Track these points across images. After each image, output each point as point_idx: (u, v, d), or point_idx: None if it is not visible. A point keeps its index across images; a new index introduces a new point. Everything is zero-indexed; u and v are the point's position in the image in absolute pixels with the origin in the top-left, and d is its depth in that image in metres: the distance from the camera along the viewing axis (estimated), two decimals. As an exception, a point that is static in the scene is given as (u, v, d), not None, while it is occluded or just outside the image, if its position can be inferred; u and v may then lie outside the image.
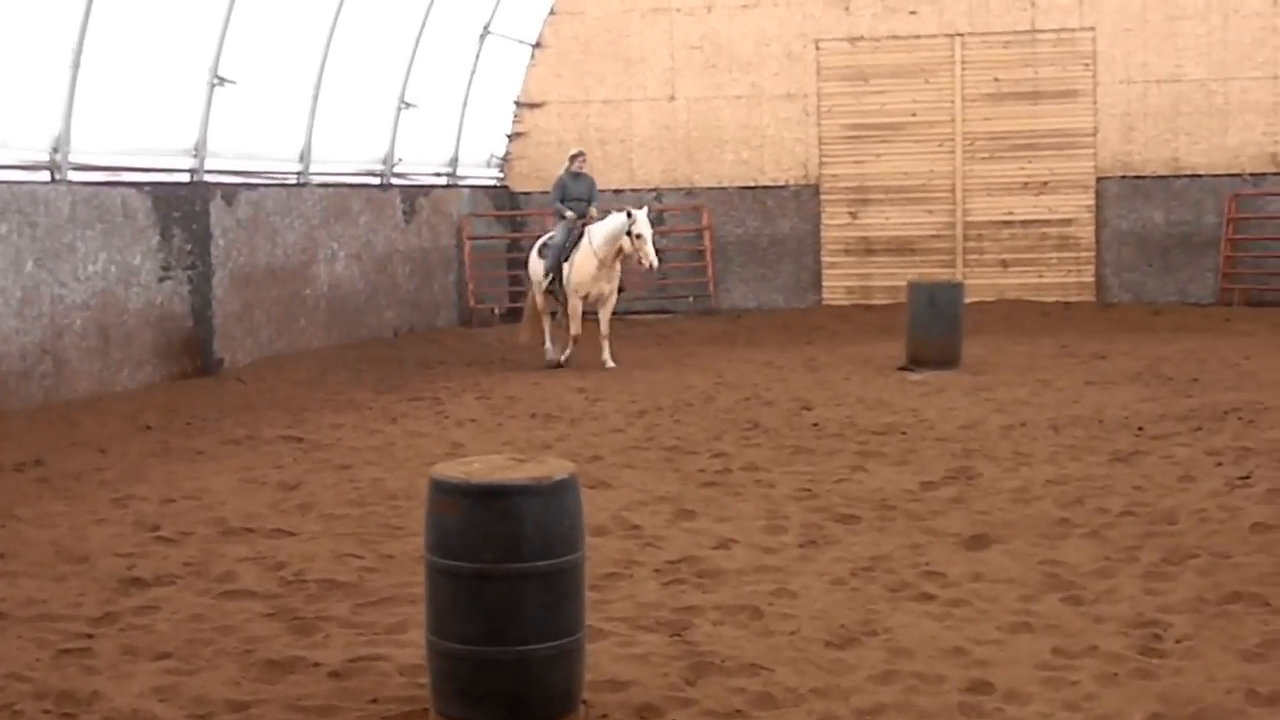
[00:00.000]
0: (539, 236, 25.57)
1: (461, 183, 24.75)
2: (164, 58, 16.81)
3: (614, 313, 18.42)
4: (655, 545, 9.28)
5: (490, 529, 5.85)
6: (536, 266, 19.41)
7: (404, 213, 22.47)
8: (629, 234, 18.41)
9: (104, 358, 15.65)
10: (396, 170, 22.38)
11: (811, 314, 24.82)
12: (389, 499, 10.80)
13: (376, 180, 21.94)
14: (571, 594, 6.06)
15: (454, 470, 6.10)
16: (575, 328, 19.02)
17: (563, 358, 19.13)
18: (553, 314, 19.47)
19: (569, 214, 19.19)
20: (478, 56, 24.43)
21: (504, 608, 5.87)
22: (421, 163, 23.41)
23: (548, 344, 19.38)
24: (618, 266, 18.91)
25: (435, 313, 23.44)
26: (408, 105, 22.25)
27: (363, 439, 13.60)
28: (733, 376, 17.91)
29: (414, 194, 22.88)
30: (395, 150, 22.20)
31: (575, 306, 18.91)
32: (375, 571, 8.75)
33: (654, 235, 18.77)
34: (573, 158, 19.85)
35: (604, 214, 19.22)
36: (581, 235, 18.87)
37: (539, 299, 19.42)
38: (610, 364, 18.79)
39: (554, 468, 6.10)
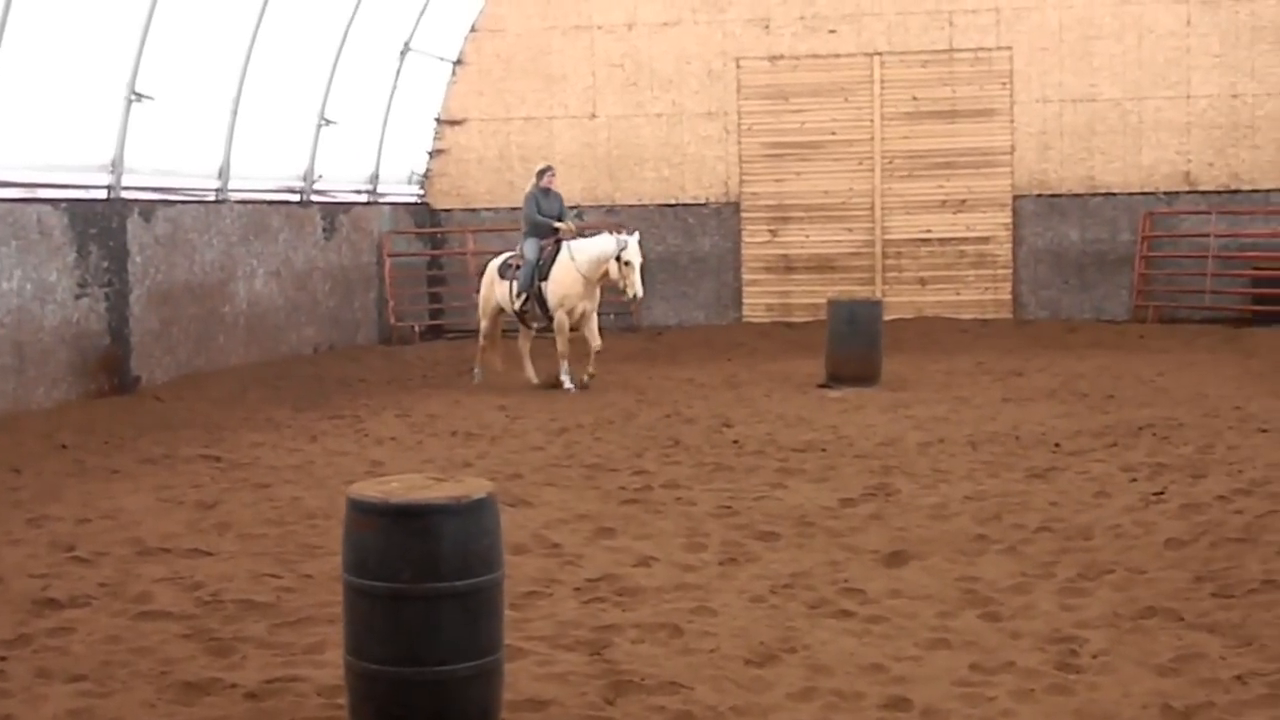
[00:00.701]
0: (460, 254, 25.71)
1: (382, 200, 24.67)
2: (81, 73, 16.64)
3: (541, 331, 18.37)
4: (575, 563, 9.28)
5: (408, 548, 5.83)
6: (501, 289, 18.75)
7: (324, 230, 22.37)
8: (618, 259, 17.81)
9: (19, 375, 15.46)
10: (316, 187, 22.27)
11: (732, 331, 24.90)
12: (308, 518, 10.74)
13: (296, 197, 21.82)
14: (490, 613, 6.05)
15: (372, 489, 6.08)
16: (563, 345, 18.37)
17: (563, 378, 18.28)
18: (504, 332, 19.37)
19: (560, 224, 18.54)
20: (398, 73, 24.38)
21: (422, 627, 5.86)
22: (342, 180, 23.31)
23: (529, 368, 18.87)
24: (598, 288, 18.33)
25: (355, 330, 23.34)
26: (328, 122, 22.15)
27: (282, 457, 13.51)
28: (653, 394, 17.94)
29: (334, 211, 22.77)
30: (315, 167, 22.10)
31: (562, 322, 18.29)
32: (293, 591, 8.70)
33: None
34: (541, 173, 19.16)
35: (581, 231, 19.00)
36: (557, 250, 18.33)
37: (486, 324, 19.04)
38: (569, 385, 18.20)
39: (472, 487, 6.09)
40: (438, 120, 26.16)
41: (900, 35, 25.05)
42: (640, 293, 18.16)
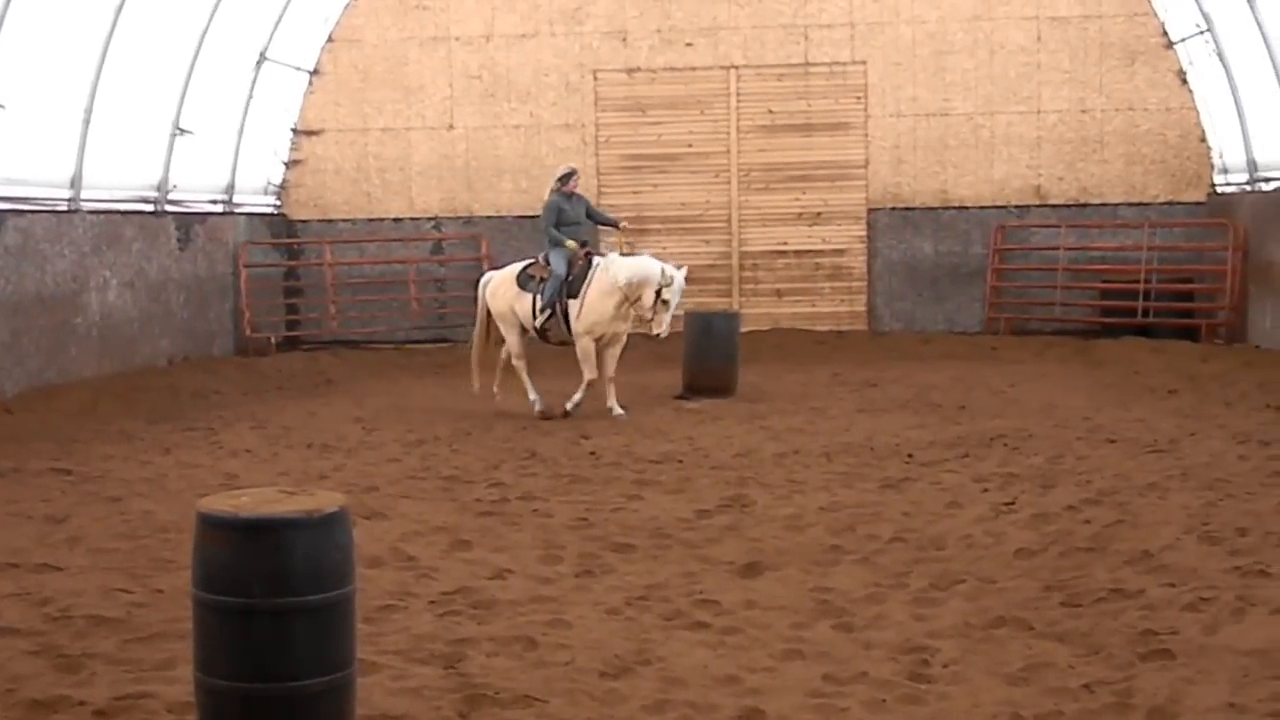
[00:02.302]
0: (317, 265, 25.47)
1: (238, 210, 24.37)
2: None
3: (398, 343, 18.07)
4: (430, 576, 9.22)
5: (258, 563, 5.76)
6: (522, 302, 17.21)
7: (179, 240, 22.04)
8: (657, 292, 16.65)
9: None
10: (171, 197, 21.94)
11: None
12: (160, 531, 10.57)
13: (150, 207, 21.47)
14: (342, 628, 5.99)
15: (222, 503, 6.00)
16: (590, 371, 17.02)
17: (571, 405, 17.08)
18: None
19: (570, 243, 17.08)
20: (254, 83, 24.11)
21: (272, 643, 5.78)
22: (197, 190, 22.98)
23: (531, 393, 17.32)
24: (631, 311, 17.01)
25: (211, 341, 23.02)
26: (183, 131, 21.85)
27: (134, 470, 13.29)
28: (511, 405, 17.88)
29: (189, 221, 22.45)
30: (170, 177, 21.78)
31: (588, 347, 16.97)
32: (144, 606, 8.55)
33: (669, 301, 16.78)
34: (565, 178, 17.47)
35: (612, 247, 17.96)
36: (589, 267, 17.01)
37: (511, 339, 17.48)
38: (619, 411, 16.90)
39: (324, 500, 6.03)
40: (294, 130, 25.91)
41: (756, 49, 25.24)
42: (665, 333, 16.96)
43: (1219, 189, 24.42)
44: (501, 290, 17.49)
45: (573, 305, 16.97)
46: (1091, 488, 11.61)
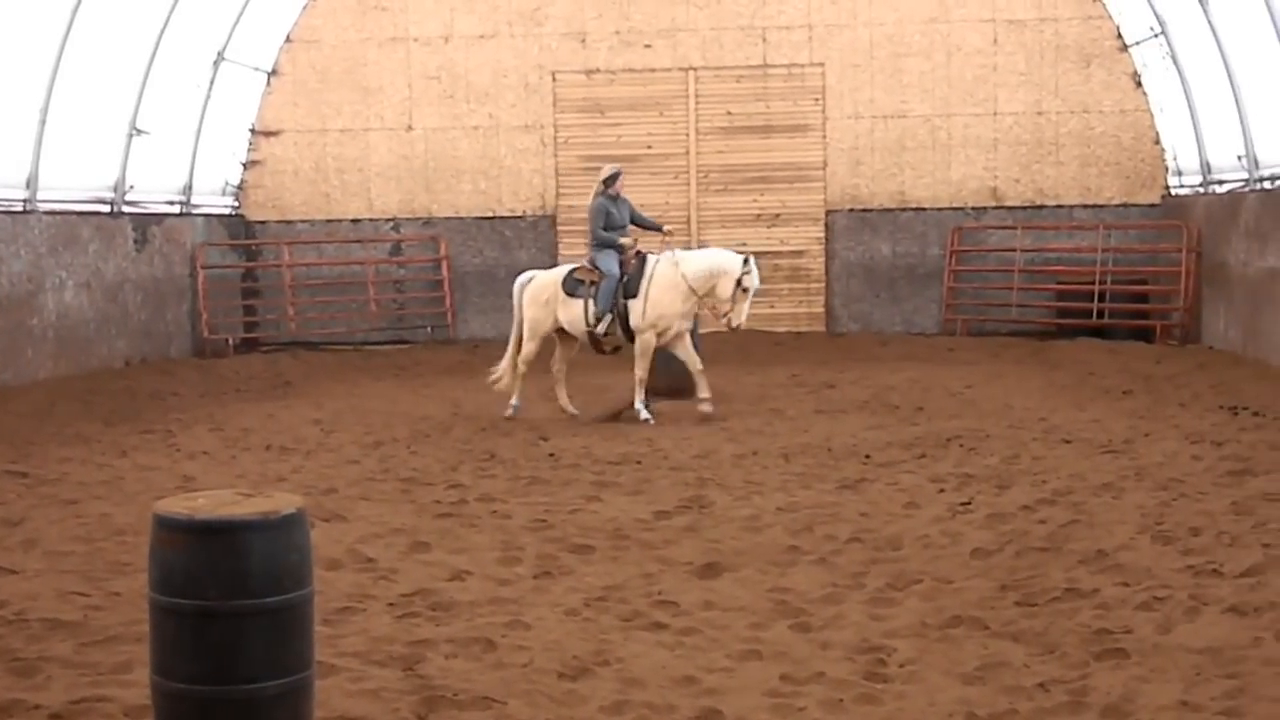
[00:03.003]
0: (275, 266, 25.40)
1: (195, 211, 24.29)
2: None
3: (356, 345, 17.98)
4: (389, 578, 9.21)
5: (216, 565, 5.74)
6: (571, 308, 16.73)
7: (136, 241, 21.96)
8: (738, 282, 16.28)
9: None
10: (128, 198, 21.86)
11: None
12: (117, 534, 10.53)
13: (107, 208, 21.39)
14: (300, 630, 5.97)
15: (178, 505, 5.97)
16: (643, 370, 16.56)
17: (639, 407, 16.55)
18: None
19: (625, 240, 16.82)
20: (212, 83, 24.03)
21: (230, 645, 5.77)
22: (154, 190, 22.90)
23: (563, 399, 17.05)
24: (696, 306, 16.71)
25: (168, 343, 22.94)
26: (140, 132, 21.76)
27: (91, 473, 13.22)
28: (470, 407, 17.89)
29: (146, 222, 22.37)
30: (127, 177, 21.69)
31: (650, 344, 16.50)
32: (101, 610, 8.51)
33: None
34: (611, 179, 17.10)
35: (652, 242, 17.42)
36: (642, 265, 16.62)
37: (533, 347, 17.06)
38: (708, 408, 16.41)
39: (282, 502, 6.01)
40: (252, 131, 25.85)
41: (715, 51, 25.30)
42: (744, 324, 16.67)
43: (1173, 191, 24.61)
44: (543, 295, 16.94)
45: (633, 305, 16.54)
46: (1047, 488, 11.68)
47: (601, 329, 16.62)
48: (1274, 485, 11.19)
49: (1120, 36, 24.78)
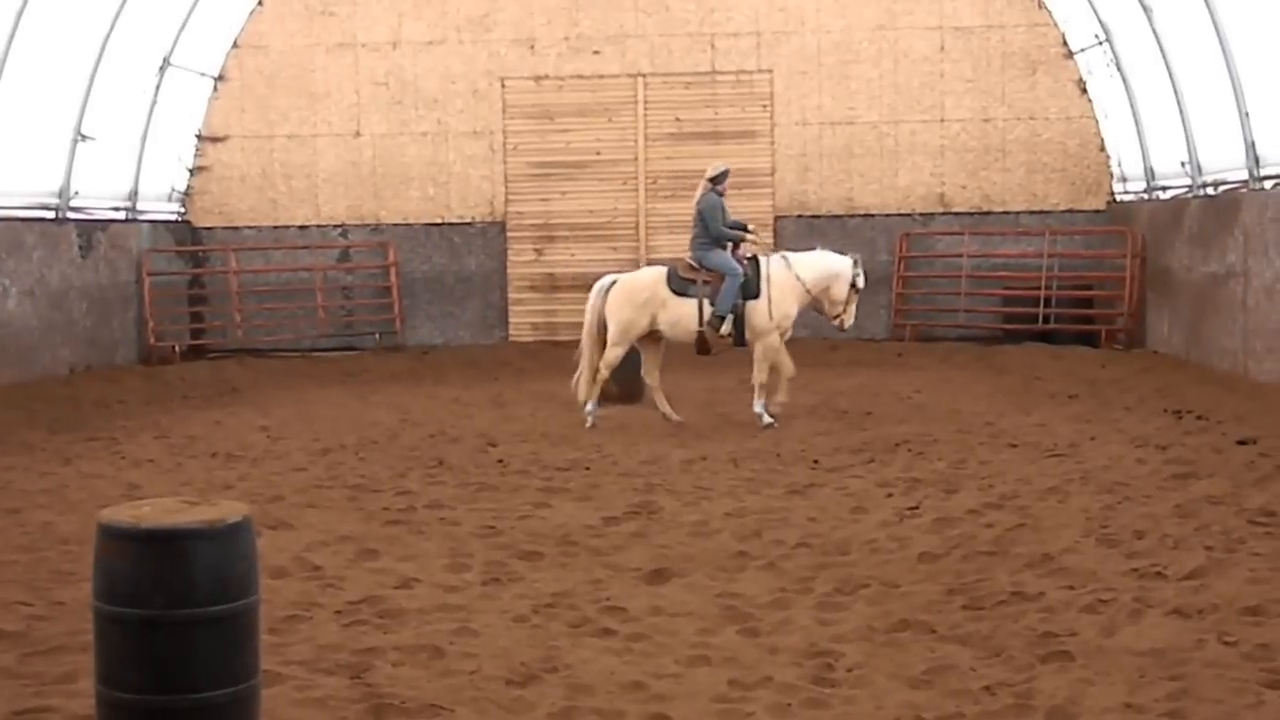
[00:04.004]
0: (223, 272, 25.26)
1: (141, 217, 24.13)
2: None
3: (304, 351, 17.85)
4: (336, 586, 9.18)
5: (160, 574, 5.71)
6: (679, 307, 16.16)
7: (80, 248, 21.80)
8: (853, 284, 16.38)
9: None
10: (73, 204, 21.69)
11: (498, 350, 24.90)
12: (60, 543, 10.46)
13: (51, 214, 21.23)
14: (246, 639, 5.95)
15: (123, 514, 5.95)
16: (764, 374, 16.34)
17: (759, 409, 16.27)
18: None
19: (749, 237, 16.58)
20: (158, 88, 23.89)
21: (175, 654, 5.74)
22: (99, 196, 22.73)
23: (666, 406, 16.53)
24: None
25: (114, 350, 22.79)
26: (84, 137, 21.61)
27: (34, 481, 13.11)
28: (419, 413, 17.85)
29: (91, 229, 22.21)
30: (72, 183, 21.53)
31: (773, 345, 16.32)
32: (44, 619, 8.45)
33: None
34: (720, 178, 16.52)
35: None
36: (756, 266, 16.28)
37: (621, 351, 16.39)
38: (769, 420, 16.18)
39: (227, 510, 5.99)
40: (199, 137, 25.71)
41: (663, 57, 25.33)
42: (851, 323, 16.85)
43: (1118, 197, 24.79)
44: (640, 296, 16.28)
45: (754, 306, 16.21)
46: (993, 492, 11.75)
47: (725, 329, 16.18)
48: (1217, 488, 11.29)
49: (1066, 44, 24.94)
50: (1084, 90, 24.92)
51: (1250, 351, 18.45)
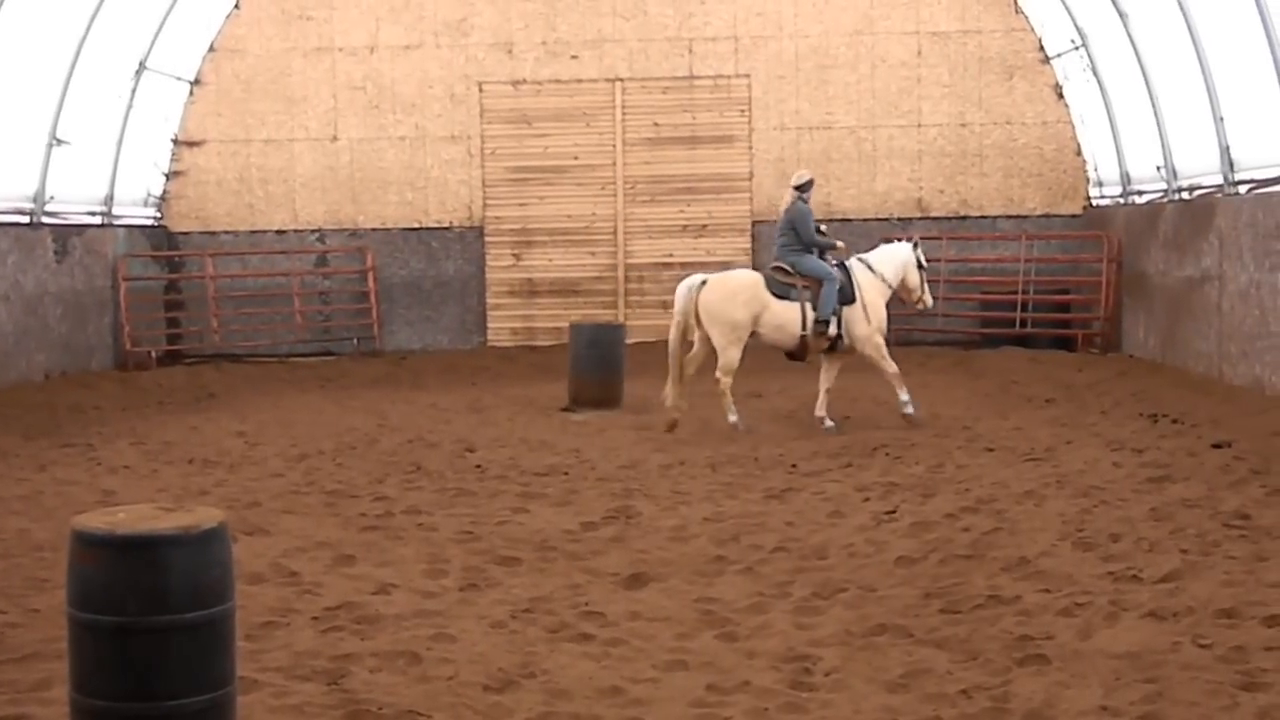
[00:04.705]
0: (199, 277, 25.20)
1: (117, 222, 24.06)
2: None
3: (281, 357, 17.78)
4: (313, 592, 9.16)
5: (135, 581, 5.69)
6: (783, 311, 16.22)
7: (56, 253, 21.72)
8: (919, 266, 16.87)
9: None
10: (48, 209, 21.61)
11: (476, 355, 24.88)
12: (35, 550, 10.42)
13: (26, 219, 21.14)
14: (221, 645, 5.93)
15: (97, 520, 5.93)
16: (892, 365, 16.60)
17: (907, 404, 16.36)
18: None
19: (839, 244, 16.91)
20: (134, 93, 23.83)
21: (150, 661, 5.72)
22: (75, 201, 22.64)
23: (734, 413, 16.43)
24: None
25: (89, 356, 22.71)
26: (60, 142, 21.53)
27: (9, 488, 13.06)
28: (396, 419, 17.82)
29: (67, 233, 22.13)
30: (47, 188, 21.45)
31: (881, 345, 16.59)
32: (19, 627, 8.42)
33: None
34: (808, 186, 16.86)
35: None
36: (847, 271, 16.50)
37: (737, 352, 16.39)
38: (912, 411, 16.33)
39: (202, 516, 5.98)
40: (175, 141, 25.66)
41: (641, 62, 25.34)
42: (932, 302, 17.55)
43: (1094, 202, 24.86)
44: (741, 296, 16.27)
45: (852, 311, 16.39)
46: (970, 496, 11.77)
47: (834, 331, 16.28)
48: (1192, 491, 11.33)
49: (1042, 49, 25.02)
50: (1060, 95, 25.00)
51: (1225, 355, 18.51)
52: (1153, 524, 10.31)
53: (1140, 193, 22.71)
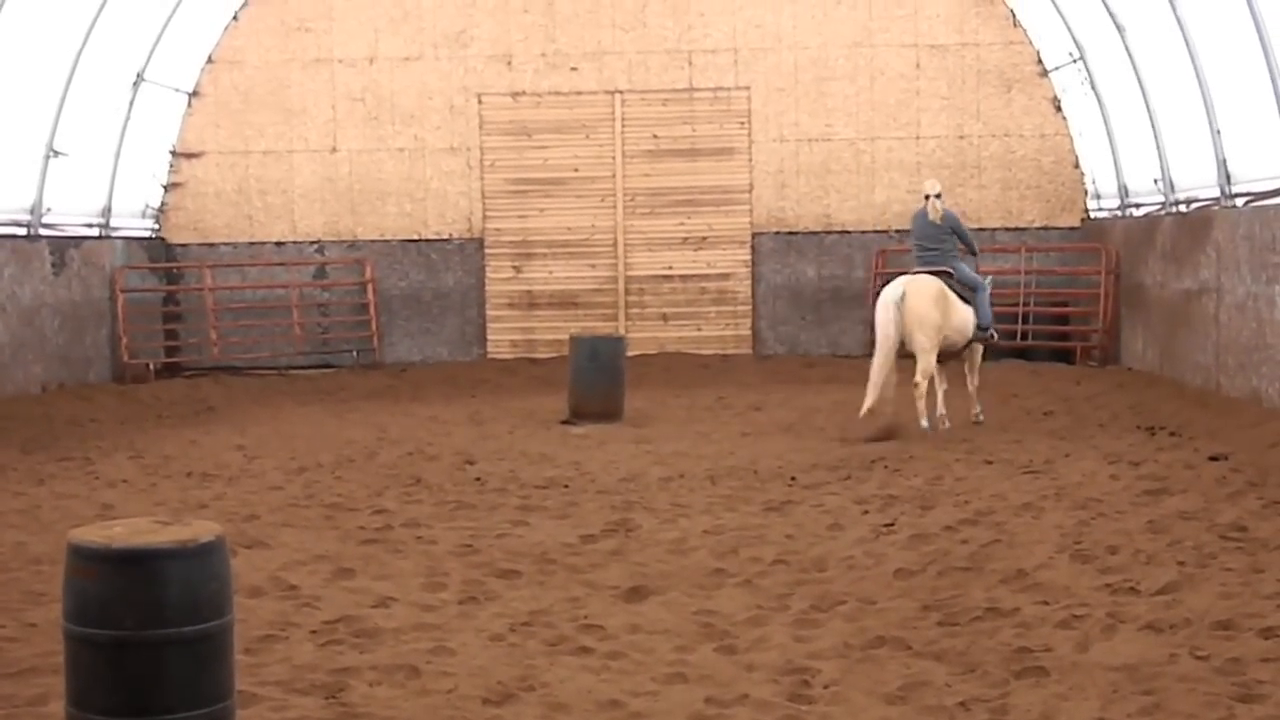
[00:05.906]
0: (198, 290, 25.20)
1: (115, 234, 24.05)
2: None
3: (281, 369, 17.64)
4: (312, 605, 9.16)
5: (132, 595, 5.69)
6: (964, 316, 16.87)
7: (53, 264, 21.71)
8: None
9: None
10: (45, 220, 21.61)
11: (476, 367, 24.87)
12: (33, 564, 10.41)
13: (23, 231, 21.14)
14: (219, 659, 5.93)
15: (93, 534, 5.92)
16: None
17: (977, 411, 17.38)
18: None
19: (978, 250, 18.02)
20: (132, 104, 23.82)
21: (147, 676, 5.72)
22: (72, 213, 22.63)
23: (927, 419, 16.74)
24: None
25: (87, 368, 22.70)
26: (57, 153, 21.53)
27: (6, 501, 13.05)
28: (396, 431, 17.82)
29: (64, 245, 22.11)
30: (44, 200, 21.46)
31: (979, 348, 17.63)
32: (16, 641, 8.41)
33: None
34: (939, 195, 17.30)
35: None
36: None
37: (933, 358, 16.75)
38: (979, 417, 17.35)
39: (200, 530, 5.98)
40: (173, 153, 25.66)
41: (641, 74, 25.37)
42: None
43: (1092, 214, 24.87)
44: (942, 304, 16.58)
45: (970, 314, 17.01)
46: (969, 508, 11.77)
47: (992, 334, 17.32)
48: (1189, 504, 11.33)
49: (1040, 62, 25.04)
50: (1058, 108, 25.03)
51: (1223, 367, 18.51)
52: (1150, 536, 10.31)
53: (1138, 205, 22.72)
